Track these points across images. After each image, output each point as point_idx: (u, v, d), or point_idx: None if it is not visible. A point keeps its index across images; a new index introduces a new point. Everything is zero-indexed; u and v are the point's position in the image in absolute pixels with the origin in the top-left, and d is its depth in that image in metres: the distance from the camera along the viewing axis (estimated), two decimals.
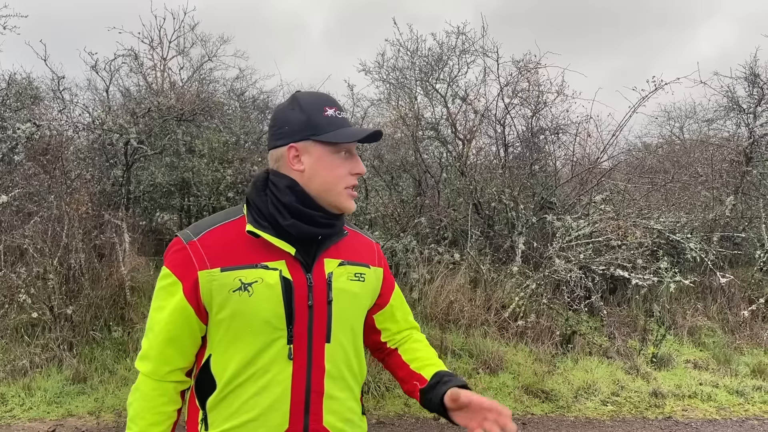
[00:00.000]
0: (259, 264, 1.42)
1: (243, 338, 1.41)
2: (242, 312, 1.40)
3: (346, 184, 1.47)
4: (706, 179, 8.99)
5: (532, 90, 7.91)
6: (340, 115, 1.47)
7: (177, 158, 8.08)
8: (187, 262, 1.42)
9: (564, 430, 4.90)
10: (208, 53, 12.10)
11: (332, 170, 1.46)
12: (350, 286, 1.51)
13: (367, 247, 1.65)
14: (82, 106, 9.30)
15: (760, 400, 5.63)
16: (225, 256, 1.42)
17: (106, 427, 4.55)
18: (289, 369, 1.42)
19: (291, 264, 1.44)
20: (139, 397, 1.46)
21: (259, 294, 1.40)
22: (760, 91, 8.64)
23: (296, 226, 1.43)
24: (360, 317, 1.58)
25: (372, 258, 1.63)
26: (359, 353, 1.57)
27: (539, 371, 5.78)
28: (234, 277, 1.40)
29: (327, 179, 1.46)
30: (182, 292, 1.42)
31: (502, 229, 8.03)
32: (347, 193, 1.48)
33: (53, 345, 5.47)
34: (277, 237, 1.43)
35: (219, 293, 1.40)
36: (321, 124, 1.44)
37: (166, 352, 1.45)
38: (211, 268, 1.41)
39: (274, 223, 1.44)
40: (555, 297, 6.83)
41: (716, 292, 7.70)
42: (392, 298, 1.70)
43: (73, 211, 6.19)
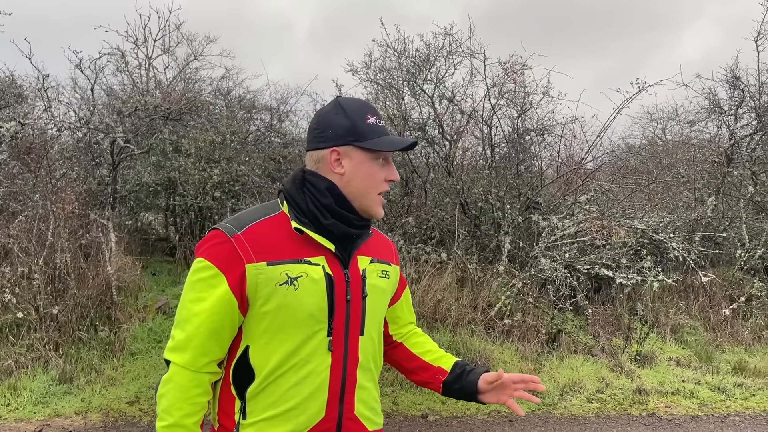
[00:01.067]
0: (303, 259, 1.48)
1: (287, 330, 1.46)
2: (288, 305, 1.44)
3: (380, 189, 1.56)
4: (688, 180, 9.12)
5: (518, 91, 7.98)
6: (380, 124, 1.55)
7: (163, 158, 8.05)
8: (232, 255, 1.45)
9: (550, 427, 4.96)
10: (194, 52, 12.05)
11: (370, 176, 1.54)
12: (380, 282, 1.62)
13: (388, 246, 1.75)
14: (66, 105, 9.23)
15: (741, 396, 5.74)
16: (270, 251, 1.47)
17: (94, 427, 4.53)
18: (329, 360, 1.49)
19: (330, 260, 1.51)
20: (173, 388, 1.45)
21: (305, 288, 1.46)
22: (741, 93, 8.79)
23: (336, 225, 1.51)
24: (384, 312, 1.70)
25: (392, 256, 1.74)
26: (381, 345, 1.69)
27: (525, 369, 5.84)
28: (281, 271, 1.45)
29: (364, 184, 1.54)
30: (227, 284, 1.44)
31: (488, 229, 8.09)
32: (379, 199, 1.56)
33: (39, 345, 5.42)
34: (318, 234, 1.50)
35: (265, 286, 1.44)
36: (364, 131, 1.52)
37: (207, 344, 1.46)
38: (258, 262, 1.44)
39: (314, 221, 1.50)
40: (541, 296, 6.90)
41: (698, 290, 7.83)
42: (404, 295, 1.82)
43: (59, 210, 6.15)
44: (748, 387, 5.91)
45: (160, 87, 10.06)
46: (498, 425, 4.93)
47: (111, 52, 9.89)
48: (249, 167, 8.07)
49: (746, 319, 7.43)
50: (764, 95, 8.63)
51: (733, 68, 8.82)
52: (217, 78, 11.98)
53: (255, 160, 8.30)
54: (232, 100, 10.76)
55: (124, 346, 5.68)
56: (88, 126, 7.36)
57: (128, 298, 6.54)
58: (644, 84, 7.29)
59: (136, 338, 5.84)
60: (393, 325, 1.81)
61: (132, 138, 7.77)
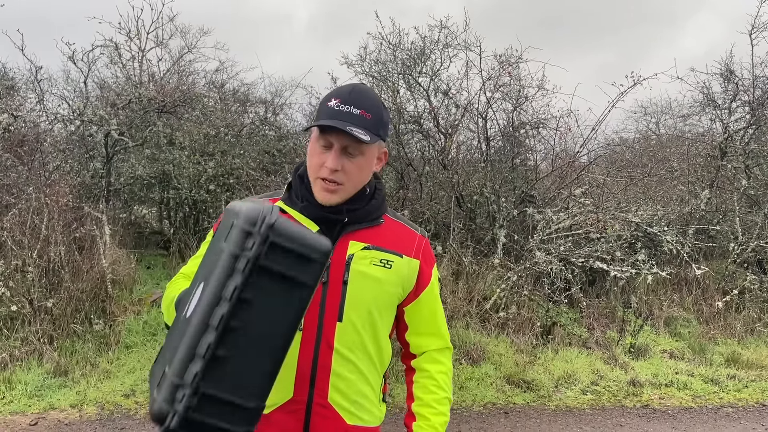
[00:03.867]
0: None
1: None
2: None
3: (317, 174, 1.50)
4: (682, 173, 9.16)
5: (514, 84, 7.97)
6: (338, 107, 1.46)
7: (158, 150, 8.01)
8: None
9: (545, 419, 4.98)
10: (187, 45, 11.96)
11: (311, 157, 1.52)
12: (372, 270, 1.54)
13: (406, 237, 1.64)
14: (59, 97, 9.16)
15: (734, 388, 5.78)
16: None
17: (89, 420, 4.52)
18: (299, 340, 1.48)
19: None
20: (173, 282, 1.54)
21: None
22: (735, 87, 8.82)
23: (308, 209, 1.52)
24: (383, 303, 1.58)
25: (408, 249, 1.62)
26: (379, 339, 1.59)
27: (520, 362, 5.87)
28: None
29: (308, 165, 1.54)
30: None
31: (483, 222, 8.10)
32: (320, 184, 1.50)
33: (33, 338, 5.40)
34: (303, 215, 1.52)
35: None
36: (319, 114, 1.51)
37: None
38: None
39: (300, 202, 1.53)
40: (535, 289, 6.93)
41: (692, 283, 7.87)
42: (424, 294, 1.66)
43: (53, 203, 6.11)
44: (741, 379, 5.96)
45: (154, 80, 10.00)
46: (493, 417, 4.95)
47: (104, 44, 9.81)
48: (243, 160, 8.04)
49: (739, 312, 7.48)
50: (758, 89, 8.66)
51: (728, 62, 8.85)
52: (211, 71, 11.91)
53: (249, 153, 8.28)
54: (227, 92, 10.71)
55: (119, 339, 5.66)
56: (82, 118, 7.31)
57: (123, 291, 6.52)
58: (639, 77, 7.30)
59: (131, 331, 5.83)
60: (411, 328, 1.68)
61: (126, 130, 7.72)
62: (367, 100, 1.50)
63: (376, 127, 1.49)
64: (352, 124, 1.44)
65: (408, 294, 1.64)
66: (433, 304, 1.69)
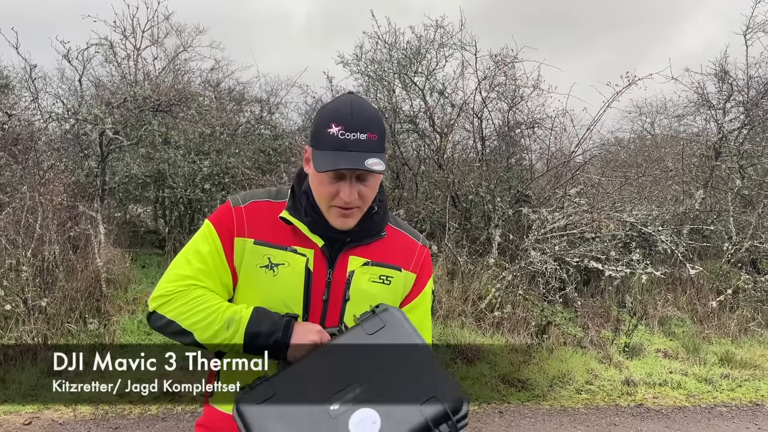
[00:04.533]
0: (289, 247, 1.48)
1: None
2: (264, 289, 1.46)
3: (331, 203, 1.44)
4: (677, 173, 9.18)
5: (509, 84, 7.99)
6: (343, 136, 1.37)
7: (153, 149, 7.98)
8: (229, 223, 1.50)
9: (540, 418, 5.00)
10: (183, 43, 11.93)
11: (319, 187, 1.45)
12: (371, 287, 1.52)
13: (406, 249, 1.61)
14: (54, 96, 9.13)
15: (728, 387, 5.81)
16: (262, 231, 1.49)
17: (83, 420, 4.52)
18: None
19: (317, 256, 1.49)
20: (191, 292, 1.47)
21: (283, 277, 1.46)
22: (729, 87, 8.85)
23: (314, 224, 1.48)
24: None
25: (407, 261, 1.59)
26: None
27: (515, 361, 5.88)
28: (263, 253, 1.47)
29: (317, 193, 1.47)
30: (220, 243, 1.49)
31: (478, 222, 8.11)
32: (335, 211, 1.45)
33: (27, 337, 5.39)
34: (308, 229, 1.49)
35: (248, 263, 1.48)
36: (319, 139, 1.41)
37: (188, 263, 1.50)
38: (247, 237, 1.48)
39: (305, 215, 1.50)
40: (530, 288, 6.94)
41: (686, 283, 7.90)
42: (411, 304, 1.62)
43: (47, 201, 6.09)
44: (735, 378, 5.98)
45: (149, 78, 9.97)
46: (488, 416, 4.96)
47: (99, 43, 9.77)
48: (239, 159, 8.03)
49: (733, 312, 7.51)
50: (752, 89, 8.70)
51: (722, 62, 8.88)
52: (206, 69, 11.89)
53: (245, 153, 8.27)
54: (222, 91, 10.68)
55: (114, 338, 5.65)
56: (77, 117, 7.29)
57: (118, 290, 6.50)
58: (634, 77, 7.33)
59: (125, 330, 5.82)
60: None
61: (121, 129, 7.70)
62: (370, 118, 1.41)
63: (382, 145, 1.43)
64: (363, 153, 1.37)
65: (398, 304, 1.62)
66: (422, 314, 1.65)
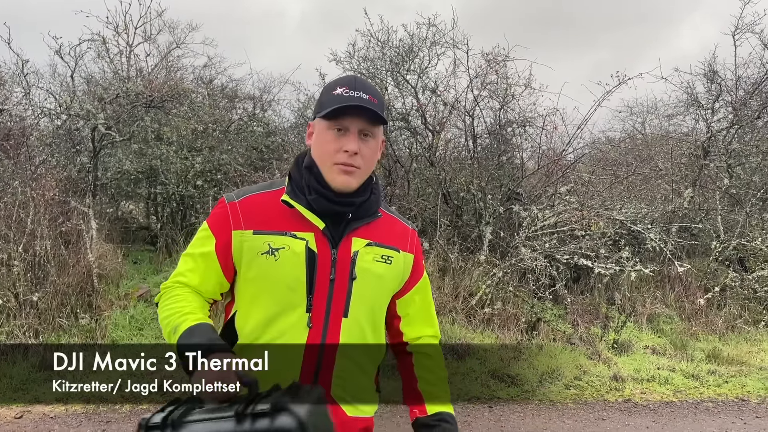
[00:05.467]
0: (288, 232, 1.51)
1: (265, 298, 1.50)
2: (267, 275, 1.49)
3: (334, 160, 1.48)
4: (666, 172, 9.27)
5: (501, 83, 8.03)
6: (347, 93, 1.47)
7: (145, 145, 7.98)
8: (224, 220, 1.53)
9: (528, 412, 5.05)
10: (176, 40, 11.92)
11: (323, 145, 1.50)
12: (375, 266, 1.56)
13: (401, 232, 1.66)
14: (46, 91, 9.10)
15: (714, 383, 5.88)
16: (260, 221, 1.52)
17: (75, 414, 4.53)
18: (305, 336, 1.49)
19: (319, 238, 1.51)
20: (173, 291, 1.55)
21: (285, 260, 1.49)
22: (718, 87, 8.94)
23: (318, 201, 1.51)
24: (383, 299, 1.61)
25: (404, 243, 1.65)
26: (378, 334, 1.61)
27: (505, 357, 5.93)
28: (263, 241, 1.50)
29: (318, 152, 1.52)
30: (214, 246, 1.53)
31: (470, 219, 8.15)
32: (337, 168, 1.49)
33: (18, 332, 5.39)
34: (309, 210, 1.52)
35: (248, 254, 1.50)
36: (325, 102, 1.50)
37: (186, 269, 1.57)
38: (245, 230, 1.51)
39: (306, 197, 1.53)
40: (521, 285, 6.99)
41: (674, 281, 7.97)
42: (417, 286, 1.69)
43: (39, 197, 6.09)
44: (721, 374, 6.05)
45: (142, 74, 9.96)
46: (477, 411, 5.01)
47: (92, 39, 9.75)
48: (231, 156, 8.04)
49: (720, 309, 7.58)
50: (740, 89, 8.79)
51: (711, 62, 8.97)
52: (199, 66, 11.88)
53: (237, 149, 8.28)
54: (215, 88, 10.68)
55: (105, 333, 5.66)
56: (69, 112, 7.28)
57: (109, 285, 6.50)
58: (624, 77, 7.40)
59: (117, 326, 5.82)
60: (406, 318, 1.69)
61: (113, 125, 7.70)
62: (371, 87, 1.53)
63: (383, 111, 1.52)
64: (367, 107, 1.46)
65: (402, 287, 1.66)
66: (427, 295, 1.72)
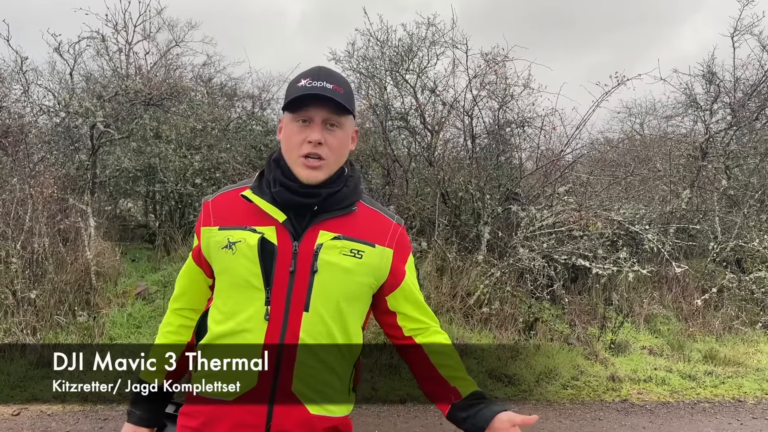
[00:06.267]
0: (248, 226, 1.52)
1: (228, 293, 1.52)
2: (227, 268, 1.52)
3: (300, 152, 1.48)
4: (664, 173, 9.28)
5: (500, 83, 8.04)
6: (310, 84, 1.47)
7: (144, 143, 7.98)
8: (200, 220, 1.59)
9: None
10: (175, 38, 11.91)
11: (289, 138, 1.51)
12: (341, 260, 1.51)
13: (380, 226, 1.61)
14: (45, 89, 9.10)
15: (711, 384, 5.89)
16: (227, 217, 1.55)
17: (72, 412, 4.53)
18: (264, 329, 1.47)
19: (280, 230, 1.51)
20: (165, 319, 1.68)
21: (241, 253, 1.49)
22: (717, 88, 8.95)
23: (281, 193, 1.51)
24: (353, 294, 1.55)
25: (381, 237, 1.59)
26: (348, 330, 1.55)
27: (503, 356, 5.94)
28: (224, 236, 1.52)
29: (286, 147, 1.53)
30: (196, 245, 1.60)
31: (468, 219, 8.16)
32: (301, 161, 1.49)
33: (16, 329, 5.39)
34: (271, 204, 1.52)
35: (214, 249, 1.54)
36: (289, 95, 1.51)
37: (180, 291, 1.67)
38: (213, 226, 1.55)
39: (270, 191, 1.54)
40: (519, 285, 7.00)
41: (672, 281, 7.99)
42: (404, 282, 1.63)
43: (37, 194, 6.09)
44: (718, 375, 6.07)
45: (141, 72, 9.95)
46: None
47: (91, 36, 9.74)
48: (230, 154, 8.05)
49: (717, 310, 7.60)
50: (739, 91, 8.81)
51: (709, 64, 8.98)
52: (198, 64, 11.88)
53: (236, 148, 8.29)
54: (214, 87, 10.68)
55: (103, 331, 5.66)
56: (67, 110, 7.28)
57: (107, 283, 6.50)
58: (623, 78, 7.40)
59: (115, 324, 5.82)
60: (401, 315, 1.64)
61: (112, 123, 7.69)
62: (337, 76, 1.52)
63: (349, 101, 1.50)
64: (330, 96, 1.46)
65: (383, 283, 1.60)
66: (415, 290, 1.67)
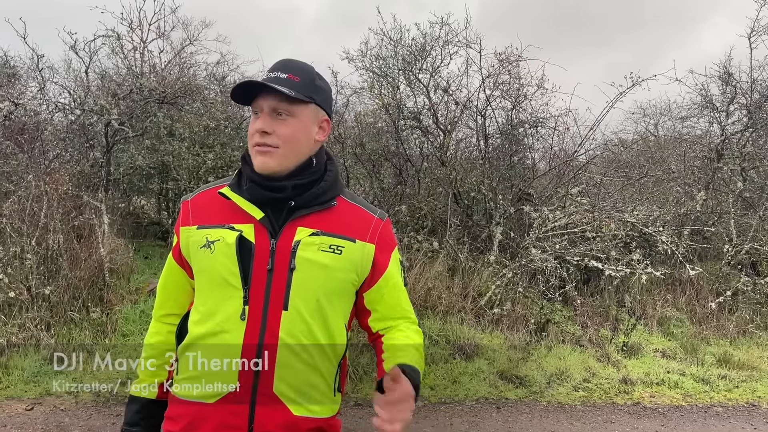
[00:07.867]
0: (226, 225, 1.50)
1: (206, 293, 1.51)
2: (206, 268, 1.50)
3: (253, 142, 1.49)
4: (679, 175, 9.20)
5: (513, 83, 8.01)
6: (266, 76, 1.49)
7: (158, 141, 8.03)
8: (179, 220, 1.58)
9: (537, 414, 5.04)
10: (189, 37, 11.98)
11: (249, 131, 1.52)
12: (320, 256, 1.48)
13: (361, 221, 1.57)
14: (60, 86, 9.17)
15: (725, 388, 5.84)
16: (205, 216, 1.54)
17: (85, 406, 4.57)
18: (243, 329, 1.44)
19: (258, 228, 1.49)
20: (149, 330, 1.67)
21: (219, 252, 1.48)
22: (733, 90, 8.85)
23: (252, 189, 1.51)
24: (333, 291, 1.52)
25: (362, 233, 1.55)
26: (330, 328, 1.51)
27: (514, 357, 5.92)
28: (203, 235, 1.51)
29: (248, 140, 1.54)
30: (174, 245, 1.59)
31: (480, 219, 8.14)
32: (254, 151, 1.49)
33: (30, 325, 5.44)
34: (248, 201, 1.51)
35: (193, 248, 1.52)
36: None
37: (162, 298, 1.65)
38: (191, 225, 1.54)
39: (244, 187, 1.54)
40: (530, 286, 6.97)
41: (685, 284, 7.92)
42: (382, 279, 1.58)
43: (52, 191, 6.14)
44: (732, 379, 6.01)
45: (155, 71, 10.01)
46: (485, 411, 5.00)
47: (106, 35, 9.80)
48: (243, 153, 8.06)
49: (732, 313, 7.53)
50: (756, 92, 8.71)
51: (726, 65, 8.88)
52: (212, 63, 11.94)
53: None
54: (227, 85, 10.71)
55: (116, 327, 5.70)
56: (83, 107, 7.34)
57: (120, 280, 6.55)
58: (638, 78, 7.35)
59: (128, 320, 5.87)
60: (375, 312, 1.60)
61: (126, 121, 7.75)
62: (297, 66, 1.51)
63: (306, 89, 1.48)
64: (276, 83, 1.45)
65: (365, 279, 1.57)
66: (395, 288, 1.61)
